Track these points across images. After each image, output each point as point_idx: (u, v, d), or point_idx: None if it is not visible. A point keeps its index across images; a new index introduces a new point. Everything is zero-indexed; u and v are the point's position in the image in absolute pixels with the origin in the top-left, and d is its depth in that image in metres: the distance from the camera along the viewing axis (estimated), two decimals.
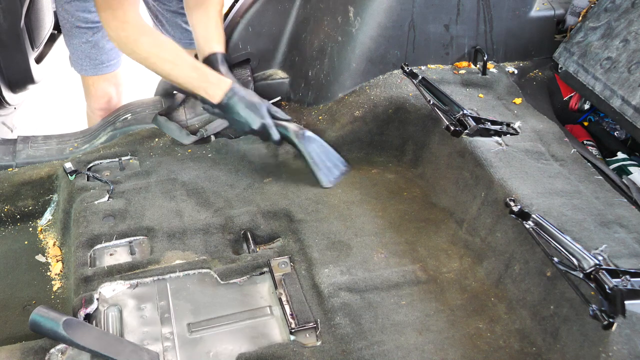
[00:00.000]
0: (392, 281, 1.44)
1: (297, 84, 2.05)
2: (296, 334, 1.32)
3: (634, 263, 1.24)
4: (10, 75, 2.24)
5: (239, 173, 1.79)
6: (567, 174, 1.55)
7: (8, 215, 1.75)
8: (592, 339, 1.17)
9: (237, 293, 1.44)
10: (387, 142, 1.89)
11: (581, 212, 1.40)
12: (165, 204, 1.65)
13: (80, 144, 1.96)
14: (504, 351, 1.29)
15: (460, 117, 1.65)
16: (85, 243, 1.53)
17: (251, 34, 2.04)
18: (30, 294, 1.53)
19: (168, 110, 1.96)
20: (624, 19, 1.79)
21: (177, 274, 1.46)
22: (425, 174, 1.81)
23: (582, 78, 1.85)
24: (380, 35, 1.87)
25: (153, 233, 1.56)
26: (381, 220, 1.63)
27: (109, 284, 1.42)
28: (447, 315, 1.37)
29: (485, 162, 1.56)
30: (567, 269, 1.21)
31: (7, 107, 2.33)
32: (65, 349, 1.27)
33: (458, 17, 1.92)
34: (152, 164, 1.79)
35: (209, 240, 1.56)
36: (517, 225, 1.40)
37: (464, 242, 1.56)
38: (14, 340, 1.36)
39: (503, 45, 2.01)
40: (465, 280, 1.46)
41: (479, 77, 1.92)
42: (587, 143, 1.96)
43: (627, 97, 1.69)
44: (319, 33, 1.98)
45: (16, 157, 1.89)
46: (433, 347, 1.29)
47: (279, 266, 1.49)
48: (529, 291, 1.36)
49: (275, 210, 1.65)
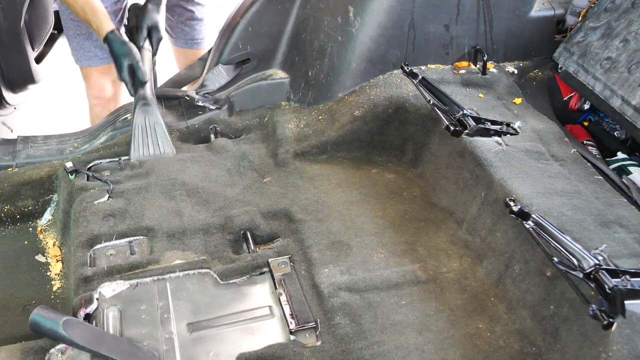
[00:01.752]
0: (392, 281, 1.44)
1: (297, 84, 2.05)
2: (296, 334, 1.32)
3: (634, 263, 1.24)
4: (10, 75, 2.24)
5: (239, 173, 1.79)
6: (567, 174, 1.55)
7: (8, 215, 1.75)
8: (592, 339, 1.17)
9: (237, 293, 1.44)
10: (387, 142, 1.89)
11: (581, 212, 1.40)
12: (165, 204, 1.65)
13: (80, 144, 1.96)
14: (504, 351, 1.29)
15: (460, 117, 1.65)
16: (85, 243, 1.53)
17: (251, 34, 2.04)
18: (30, 294, 1.53)
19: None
20: (624, 19, 1.79)
21: (177, 274, 1.46)
22: (425, 173, 1.81)
23: (582, 78, 1.85)
24: (380, 35, 1.87)
25: (153, 233, 1.56)
26: (381, 220, 1.63)
27: (109, 284, 1.42)
28: (447, 315, 1.37)
29: (485, 162, 1.56)
30: (567, 269, 1.21)
31: (7, 107, 2.33)
32: (65, 349, 1.27)
33: (458, 17, 1.92)
34: (152, 164, 1.79)
35: (209, 240, 1.56)
36: (517, 225, 1.40)
37: (464, 242, 1.56)
38: (14, 340, 1.35)
39: (503, 45, 2.01)
40: (465, 280, 1.46)
41: (479, 77, 1.92)
42: (587, 143, 1.96)
43: (627, 97, 1.69)
44: (319, 33, 1.98)
45: (16, 157, 1.89)
46: (433, 347, 1.29)
47: (279, 266, 1.49)
48: (529, 291, 1.36)
49: (275, 210, 1.65)
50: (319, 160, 1.88)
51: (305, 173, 1.81)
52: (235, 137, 1.99)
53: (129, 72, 1.76)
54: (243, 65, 2.08)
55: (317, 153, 1.88)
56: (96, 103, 2.35)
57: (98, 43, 2.16)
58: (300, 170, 1.81)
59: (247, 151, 1.88)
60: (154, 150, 1.72)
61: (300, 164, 1.84)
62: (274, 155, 1.87)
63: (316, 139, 1.88)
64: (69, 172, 1.74)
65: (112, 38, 1.78)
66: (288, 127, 1.93)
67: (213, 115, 2.00)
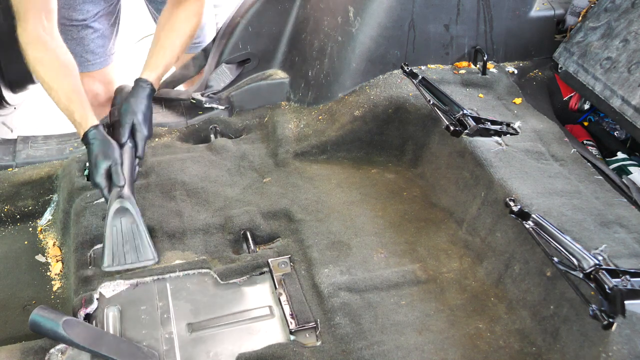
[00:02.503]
0: (392, 281, 1.44)
1: (297, 84, 2.05)
2: (296, 334, 1.32)
3: (634, 263, 1.24)
4: (10, 75, 2.24)
5: (239, 173, 1.79)
6: (567, 174, 1.55)
7: (8, 215, 1.75)
8: (592, 339, 1.17)
9: (237, 293, 1.44)
10: (387, 142, 1.89)
11: (581, 212, 1.40)
12: (165, 204, 1.65)
13: (80, 144, 1.96)
14: (504, 351, 1.29)
15: (460, 117, 1.65)
16: (85, 243, 1.53)
17: (251, 34, 2.04)
18: (30, 294, 1.53)
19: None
20: (624, 19, 1.79)
21: (177, 274, 1.46)
22: (425, 174, 1.80)
23: (582, 78, 1.85)
24: (380, 35, 1.87)
25: (153, 233, 1.56)
26: (381, 220, 1.63)
27: (109, 284, 1.42)
28: (447, 315, 1.37)
29: (485, 162, 1.56)
30: (567, 269, 1.21)
31: (7, 107, 2.33)
32: (65, 349, 1.27)
33: (458, 17, 1.92)
34: (152, 164, 1.79)
35: (209, 240, 1.56)
36: (517, 225, 1.40)
37: (464, 242, 1.56)
38: (14, 340, 1.35)
39: (503, 45, 2.01)
40: (465, 280, 1.46)
41: (479, 77, 1.92)
42: (587, 143, 1.96)
43: (627, 97, 1.69)
44: (319, 33, 1.98)
45: (16, 157, 1.89)
46: (433, 347, 1.29)
47: (279, 266, 1.49)
48: (529, 291, 1.36)
49: (275, 210, 1.65)
50: (319, 160, 1.88)
51: (305, 173, 1.81)
52: (235, 137, 1.99)
53: (105, 176, 1.54)
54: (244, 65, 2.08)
55: (317, 153, 1.88)
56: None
57: (89, 48, 2.15)
58: (300, 170, 1.81)
59: (247, 151, 1.88)
60: (131, 258, 1.47)
61: (300, 164, 1.84)
62: (274, 155, 1.87)
63: (316, 139, 1.88)
64: (87, 172, 1.71)
65: (95, 135, 1.58)
66: (288, 127, 1.93)
67: (213, 115, 2.00)
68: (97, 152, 1.56)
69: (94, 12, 2.11)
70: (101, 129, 1.60)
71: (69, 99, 1.63)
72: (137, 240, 1.49)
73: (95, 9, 2.11)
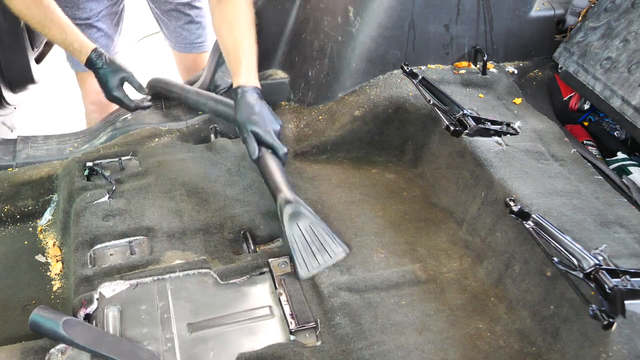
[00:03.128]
0: (392, 281, 1.44)
1: (297, 84, 2.05)
2: (296, 334, 1.32)
3: (634, 263, 1.24)
4: (10, 75, 2.24)
5: (239, 173, 1.79)
6: (567, 174, 1.55)
7: (8, 215, 1.75)
8: (592, 339, 1.17)
9: (237, 293, 1.44)
10: (387, 142, 1.89)
11: (581, 212, 1.40)
12: (165, 204, 1.65)
13: (80, 144, 1.96)
14: (504, 351, 1.29)
15: (460, 117, 1.65)
16: (85, 243, 1.52)
17: None
18: (30, 294, 1.53)
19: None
20: (624, 19, 1.79)
21: (177, 274, 1.46)
22: (425, 174, 1.81)
23: (582, 78, 1.85)
24: (380, 35, 1.87)
25: (153, 233, 1.56)
26: (381, 220, 1.63)
27: (109, 284, 1.42)
28: (447, 315, 1.37)
29: (485, 162, 1.56)
30: (567, 269, 1.21)
31: (7, 107, 2.33)
32: (65, 349, 1.27)
33: (458, 17, 1.92)
34: (152, 164, 1.79)
35: (209, 240, 1.56)
36: (517, 225, 1.40)
37: (464, 242, 1.56)
38: (14, 340, 1.35)
39: (503, 45, 2.01)
40: (465, 280, 1.46)
41: (479, 77, 1.92)
42: (587, 143, 1.96)
43: (627, 97, 1.69)
44: (319, 33, 1.98)
45: (16, 157, 1.89)
46: (433, 347, 1.29)
47: (279, 266, 1.49)
48: (529, 291, 1.36)
49: (275, 210, 1.64)
50: (319, 160, 1.88)
51: (305, 173, 1.81)
52: (235, 137, 1.99)
53: (121, 88, 1.61)
54: None
55: (317, 153, 1.88)
56: (94, 109, 2.32)
57: None
58: (300, 170, 1.81)
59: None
60: (323, 258, 1.47)
61: (300, 164, 1.84)
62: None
63: (316, 139, 1.88)
64: (87, 172, 1.73)
65: (97, 56, 1.65)
66: (288, 127, 1.93)
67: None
68: (104, 70, 1.63)
69: (97, 11, 2.11)
70: (100, 50, 1.69)
71: (63, 31, 1.70)
72: (321, 238, 1.49)
73: (99, 7, 2.11)
